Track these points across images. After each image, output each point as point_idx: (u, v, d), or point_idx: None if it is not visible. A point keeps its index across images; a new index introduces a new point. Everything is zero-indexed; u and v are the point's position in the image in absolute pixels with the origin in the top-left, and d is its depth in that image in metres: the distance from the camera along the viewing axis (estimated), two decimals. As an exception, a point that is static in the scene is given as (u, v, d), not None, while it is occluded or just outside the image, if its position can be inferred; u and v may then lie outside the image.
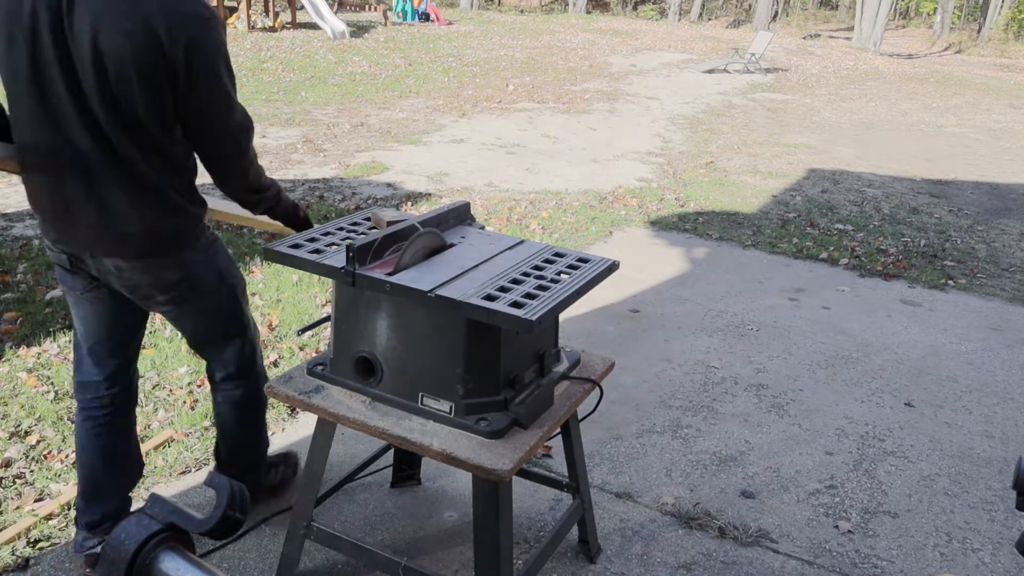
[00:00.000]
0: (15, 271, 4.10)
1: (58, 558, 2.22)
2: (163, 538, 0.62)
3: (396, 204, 5.71)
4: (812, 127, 10.22)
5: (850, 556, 2.43)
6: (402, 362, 1.79)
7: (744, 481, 2.77)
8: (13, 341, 3.38)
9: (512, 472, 1.65)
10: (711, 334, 3.95)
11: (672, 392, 3.36)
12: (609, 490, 2.67)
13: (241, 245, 4.67)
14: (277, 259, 1.87)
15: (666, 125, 9.66)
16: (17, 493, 2.46)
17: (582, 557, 2.34)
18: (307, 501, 2.06)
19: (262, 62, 12.32)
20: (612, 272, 1.91)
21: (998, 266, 5.31)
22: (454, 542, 2.38)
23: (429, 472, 2.69)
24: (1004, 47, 26.91)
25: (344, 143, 7.63)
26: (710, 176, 7.22)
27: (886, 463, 2.94)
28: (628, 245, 5.19)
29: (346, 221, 2.09)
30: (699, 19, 32.00)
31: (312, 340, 3.55)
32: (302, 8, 17.45)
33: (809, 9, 38.95)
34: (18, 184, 5.67)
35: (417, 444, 1.72)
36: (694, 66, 15.62)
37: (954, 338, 4.10)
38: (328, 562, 2.27)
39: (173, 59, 1.70)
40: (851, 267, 5.06)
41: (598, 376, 2.05)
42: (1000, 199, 7.18)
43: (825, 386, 3.50)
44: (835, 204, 6.52)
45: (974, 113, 12.39)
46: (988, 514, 2.68)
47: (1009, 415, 3.35)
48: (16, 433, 2.75)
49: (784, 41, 23.20)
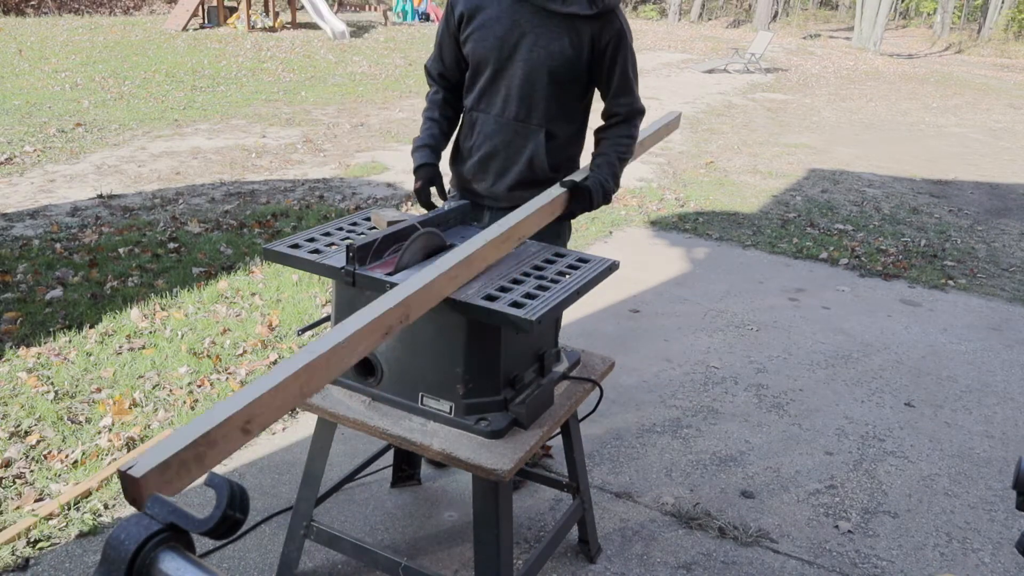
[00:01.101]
0: (15, 271, 4.10)
1: (58, 558, 2.22)
2: (163, 538, 0.62)
3: (396, 204, 5.71)
4: (812, 127, 10.22)
5: (850, 556, 2.43)
6: (402, 362, 1.79)
7: (744, 481, 2.77)
8: (13, 341, 3.38)
9: (512, 472, 1.65)
10: (711, 334, 3.95)
11: (672, 392, 3.36)
12: (609, 490, 2.67)
13: (241, 245, 4.67)
14: (277, 259, 1.87)
15: (666, 125, 9.65)
16: (17, 493, 2.46)
17: (582, 557, 2.34)
18: (307, 501, 2.06)
19: (262, 62, 12.32)
20: (612, 272, 1.91)
21: (998, 266, 5.31)
22: (454, 542, 2.38)
23: (429, 472, 2.70)
24: (1004, 47, 26.91)
25: (344, 143, 7.63)
26: (710, 176, 7.22)
27: (886, 463, 2.94)
28: (628, 245, 5.19)
29: (346, 221, 2.09)
30: (699, 19, 32.00)
31: (312, 340, 3.54)
32: (302, 8, 17.45)
33: (809, 9, 38.95)
34: (18, 184, 5.67)
35: (417, 444, 1.72)
36: (694, 66, 15.62)
37: (954, 338, 4.10)
38: (328, 562, 2.27)
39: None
40: (851, 267, 5.06)
41: (598, 376, 2.05)
42: (1000, 199, 7.18)
43: (825, 386, 3.50)
44: (835, 204, 6.52)
45: (974, 113, 12.40)
46: (988, 514, 2.68)
47: (1009, 415, 3.35)
48: (16, 433, 2.75)
49: (784, 41, 23.20)
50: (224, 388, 3.11)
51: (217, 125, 8.08)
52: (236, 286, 4.07)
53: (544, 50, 2.04)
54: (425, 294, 1.52)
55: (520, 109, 2.12)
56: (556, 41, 2.03)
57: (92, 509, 2.40)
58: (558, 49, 2.04)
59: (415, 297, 1.48)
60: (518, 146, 2.16)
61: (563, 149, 2.20)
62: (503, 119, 2.14)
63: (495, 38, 2.06)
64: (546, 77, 2.07)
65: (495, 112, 2.15)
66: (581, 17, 2.01)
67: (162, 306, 3.80)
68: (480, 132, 2.20)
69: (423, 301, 1.52)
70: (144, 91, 9.54)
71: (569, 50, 2.04)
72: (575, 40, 2.03)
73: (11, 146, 6.68)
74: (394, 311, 1.42)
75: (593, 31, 2.04)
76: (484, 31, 2.07)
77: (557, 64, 2.05)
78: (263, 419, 1.17)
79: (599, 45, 2.05)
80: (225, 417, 1.11)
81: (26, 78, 9.82)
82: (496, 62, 2.09)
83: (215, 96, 9.58)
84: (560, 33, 2.03)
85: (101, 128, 7.56)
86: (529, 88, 2.09)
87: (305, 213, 5.33)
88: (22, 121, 7.61)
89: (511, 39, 2.05)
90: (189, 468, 1.07)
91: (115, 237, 4.69)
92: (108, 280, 4.06)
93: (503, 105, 2.13)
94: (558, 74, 2.07)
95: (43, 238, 4.63)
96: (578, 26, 2.03)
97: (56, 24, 15.31)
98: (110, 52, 12.15)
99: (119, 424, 2.83)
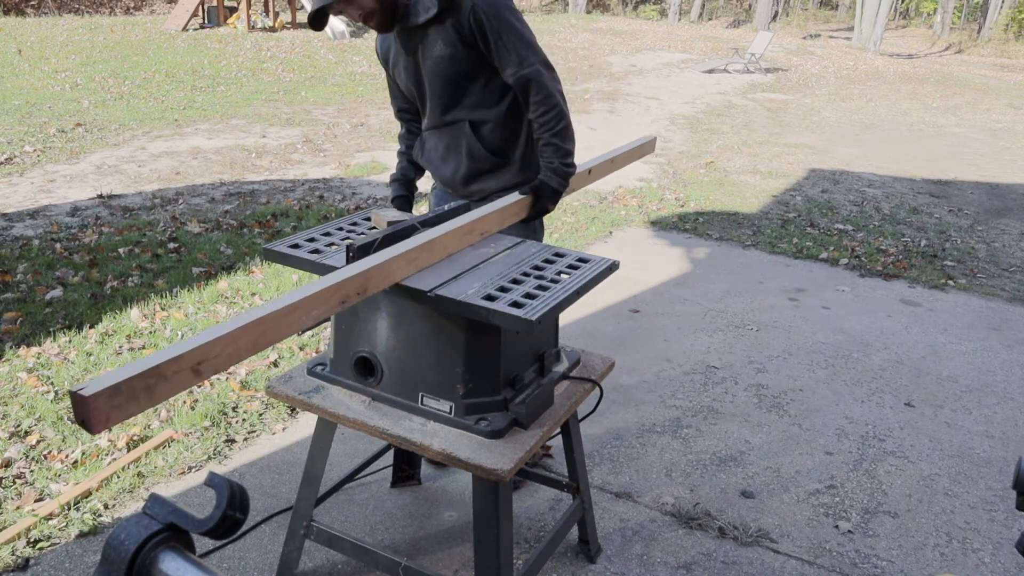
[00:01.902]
0: (15, 271, 4.10)
1: (58, 558, 2.22)
2: (163, 538, 0.62)
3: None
4: (812, 127, 10.22)
5: (850, 556, 2.43)
6: (402, 362, 1.79)
7: (744, 481, 2.77)
8: (13, 341, 3.38)
9: (512, 472, 1.65)
10: (711, 334, 3.95)
11: (672, 392, 3.36)
12: (609, 490, 2.67)
13: (241, 245, 4.67)
14: (277, 259, 1.88)
15: (666, 125, 9.66)
16: (17, 493, 2.46)
17: (582, 557, 2.34)
18: (307, 501, 2.06)
19: (262, 62, 12.32)
20: (612, 272, 1.91)
21: (998, 266, 5.31)
22: (454, 542, 2.38)
23: (429, 472, 2.70)
24: (1004, 47, 26.91)
25: (344, 143, 7.63)
26: (710, 176, 7.22)
27: (886, 463, 2.94)
28: (628, 245, 5.19)
29: (346, 221, 2.09)
30: (699, 19, 31.99)
31: (312, 340, 3.55)
32: (302, 8, 17.45)
33: (809, 9, 38.95)
34: (18, 184, 5.67)
35: (417, 444, 1.72)
36: (694, 66, 15.62)
37: (954, 338, 4.10)
38: (328, 562, 2.27)
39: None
40: (851, 267, 5.06)
41: (598, 376, 2.05)
42: (1000, 199, 7.18)
43: (825, 386, 3.50)
44: (835, 204, 6.52)
45: (974, 113, 12.40)
46: (988, 514, 2.68)
47: (1009, 415, 3.35)
48: (16, 433, 2.75)
49: (784, 41, 23.20)
50: (224, 388, 3.11)
51: (217, 125, 8.08)
52: (236, 286, 4.07)
53: (430, 60, 2.20)
54: (383, 270, 1.60)
55: (442, 114, 2.29)
56: (433, 47, 2.18)
57: (92, 509, 2.40)
58: (438, 54, 2.18)
59: (374, 272, 1.57)
60: (455, 144, 2.32)
61: (496, 130, 2.28)
62: (437, 129, 2.34)
63: (404, 70, 2.29)
64: (441, 80, 2.22)
65: (430, 124, 2.34)
66: (437, 18, 2.13)
67: (162, 306, 3.80)
68: (427, 146, 2.40)
69: (381, 277, 1.60)
70: (144, 91, 9.55)
71: (446, 49, 2.17)
72: (445, 38, 2.15)
73: (11, 146, 6.68)
74: (352, 281, 1.50)
75: (452, 22, 2.13)
76: (398, 69, 2.31)
77: (443, 66, 2.19)
78: (214, 364, 1.23)
79: (464, 31, 2.13)
80: (178, 354, 1.16)
81: (26, 78, 9.82)
82: (416, 87, 2.30)
83: (215, 96, 9.58)
84: (433, 40, 2.17)
85: (101, 128, 7.56)
86: (438, 95, 2.26)
87: (305, 213, 5.33)
88: (22, 121, 7.61)
89: (411, 65, 2.26)
90: (138, 397, 1.12)
91: (115, 237, 4.69)
92: (108, 280, 4.06)
93: (431, 116, 2.32)
94: (448, 74, 2.20)
95: (43, 238, 4.63)
96: (441, 27, 2.15)
97: (56, 24, 15.31)
98: (110, 52, 12.15)
99: (119, 424, 2.83)
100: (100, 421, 1.07)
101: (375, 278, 1.58)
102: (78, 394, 1.05)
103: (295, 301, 1.37)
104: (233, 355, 1.26)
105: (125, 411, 1.10)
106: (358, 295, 1.52)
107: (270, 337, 1.33)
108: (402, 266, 1.67)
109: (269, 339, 1.33)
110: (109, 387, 1.07)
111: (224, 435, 2.83)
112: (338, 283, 1.46)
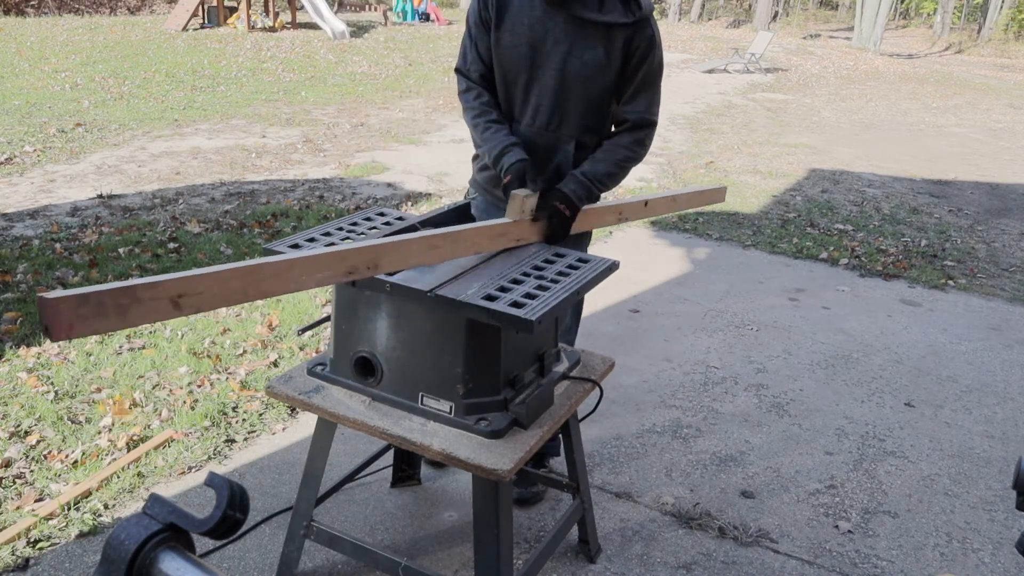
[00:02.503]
0: (15, 271, 4.10)
1: (58, 558, 2.22)
2: (163, 538, 0.62)
3: (396, 204, 5.71)
4: (812, 127, 10.22)
5: (850, 556, 2.43)
6: (402, 362, 1.79)
7: (744, 481, 2.77)
8: (13, 341, 3.38)
9: (512, 472, 1.65)
10: (711, 334, 3.95)
11: (672, 392, 3.36)
12: (609, 490, 2.67)
13: (241, 245, 4.67)
14: (277, 259, 1.87)
15: (666, 125, 9.66)
16: (17, 493, 2.46)
17: (582, 557, 2.34)
18: (307, 501, 2.06)
19: (262, 62, 12.32)
20: (612, 272, 1.91)
21: (998, 266, 5.31)
22: (454, 542, 2.38)
23: (429, 472, 2.70)
24: (1004, 47, 26.91)
25: (344, 143, 7.63)
26: (710, 176, 7.22)
27: (886, 463, 2.94)
28: (628, 245, 5.19)
29: (346, 221, 2.09)
30: (699, 19, 31.99)
31: (312, 340, 3.55)
32: (302, 8, 17.45)
33: (809, 9, 38.95)
34: (18, 184, 5.67)
35: (417, 444, 1.72)
36: (694, 66, 15.62)
37: (954, 338, 4.10)
38: (328, 562, 2.27)
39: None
40: (851, 267, 5.06)
41: (598, 376, 2.05)
42: (1000, 199, 7.18)
43: (825, 386, 3.50)
44: (835, 204, 6.52)
45: (974, 113, 12.40)
46: (988, 514, 2.68)
47: (1009, 415, 3.35)
48: (16, 433, 2.75)
49: (784, 41, 23.20)
50: (224, 388, 3.11)
51: (217, 125, 8.08)
52: (236, 286, 4.07)
53: (579, 60, 2.00)
54: (398, 250, 1.53)
55: (552, 119, 2.09)
56: (591, 51, 2.00)
57: (92, 509, 2.40)
58: (592, 59, 2.00)
59: (388, 248, 1.50)
60: (547, 156, 2.13)
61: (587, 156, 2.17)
62: (533, 129, 2.11)
63: (528, 47, 2.02)
64: (580, 88, 2.04)
65: (525, 121, 2.12)
66: (618, 25, 1.98)
67: (162, 306, 3.80)
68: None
69: (396, 256, 1.52)
70: (144, 91, 9.55)
71: (604, 59, 2.01)
72: (610, 48, 2.00)
73: (11, 146, 6.68)
74: (362, 252, 1.44)
75: (627, 37, 2.00)
76: (516, 37, 2.03)
77: (592, 74, 2.02)
78: (197, 301, 1.17)
79: (630, 50, 2.01)
80: (158, 280, 1.12)
81: (26, 78, 9.82)
82: (528, 72, 2.06)
83: (215, 96, 9.58)
84: (595, 42, 1.99)
85: (101, 128, 7.56)
86: (562, 99, 2.05)
87: (305, 213, 5.33)
88: (22, 121, 7.61)
89: (544, 49, 2.01)
90: (107, 314, 1.07)
91: (115, 237, 4.69)
92: (108, 280, 4.06)
93: (533, 115, 2.10)
94: (592, 84, 2.04)
95: (43, 238, 4.63)
96: (613, 34, 2.00)
97: (56, 24, 15.31)
98: (110, 52, 12.15)
99: (119, 424, 2.83)
100: (62, 328, 1.03)
101: (388, 255, 1.49)
102: (44, 297, 1.01)
103: (296, 257, 1.31)
104: (219, 296, 1.20)
105: (91, 325, 1.05)
106: (368, 269, 1.43)
107: (264, 288, 1.25)
108: (422, 250, 1.58)
109: (263, 290, 1.25)
110: (77, 295, 1.03)
111: (224, 435, 2.82)
112: (348, 250, 1.40)
